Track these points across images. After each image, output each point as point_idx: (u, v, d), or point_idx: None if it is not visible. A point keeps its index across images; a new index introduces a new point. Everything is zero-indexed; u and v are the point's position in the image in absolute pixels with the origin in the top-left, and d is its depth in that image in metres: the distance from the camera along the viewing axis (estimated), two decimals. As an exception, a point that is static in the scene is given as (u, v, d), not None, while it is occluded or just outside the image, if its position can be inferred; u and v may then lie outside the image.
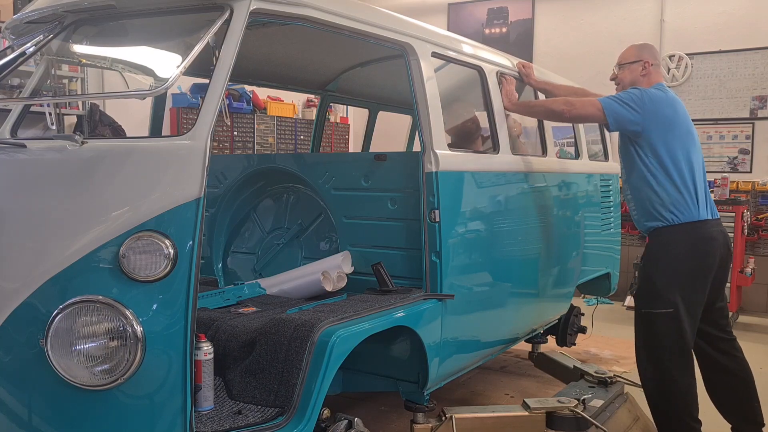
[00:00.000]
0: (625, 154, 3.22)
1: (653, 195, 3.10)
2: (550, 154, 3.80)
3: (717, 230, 3.14)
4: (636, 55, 3.30)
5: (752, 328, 6.19)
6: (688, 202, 3.07)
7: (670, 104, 3.12)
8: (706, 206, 3.12)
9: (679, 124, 3.11)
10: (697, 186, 3.11)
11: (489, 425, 2.88)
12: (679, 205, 3.07)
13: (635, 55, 3.31)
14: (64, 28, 2.34)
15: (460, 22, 8.44)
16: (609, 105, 3.09)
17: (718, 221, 3.18)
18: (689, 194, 3.07)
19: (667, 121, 3.08)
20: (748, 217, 6.37)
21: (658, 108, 3.08)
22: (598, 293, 5.01)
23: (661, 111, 3.08)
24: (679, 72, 7.16)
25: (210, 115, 1.99)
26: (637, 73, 3.28)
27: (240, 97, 7.19)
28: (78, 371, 1.84)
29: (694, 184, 3.09)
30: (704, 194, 3.14)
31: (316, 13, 2.32)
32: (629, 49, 3.36)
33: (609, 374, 3.53)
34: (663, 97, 3.12)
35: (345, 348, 2.23)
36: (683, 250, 3.07)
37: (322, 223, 3.30)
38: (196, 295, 1.93)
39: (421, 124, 2.75)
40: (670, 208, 3.07)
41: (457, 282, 2.84)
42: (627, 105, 3.07)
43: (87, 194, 1.97)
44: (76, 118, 5.89)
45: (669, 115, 3.09)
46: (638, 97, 3.08)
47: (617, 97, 3.12)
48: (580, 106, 3.22)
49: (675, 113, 3.11)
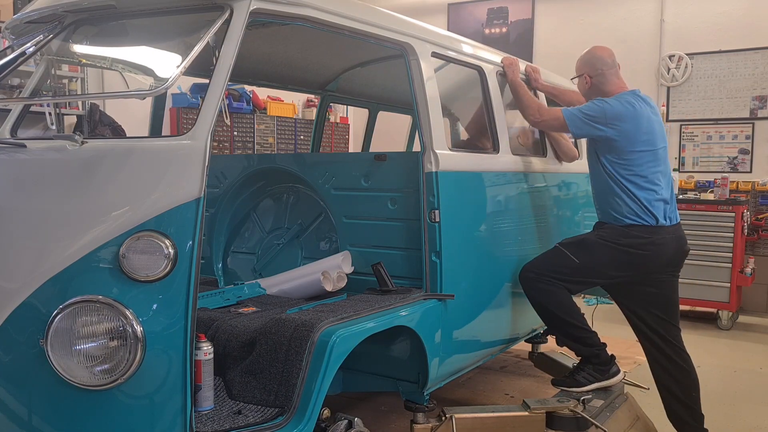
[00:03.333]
0: (589, 156, 3.33)
1: (613, 201, 3.17)
2: (550, 154, 3.80)
3: (670, 236, 3.17)
4: (578, 69, 3.36)
5: (752, 328, 6.18)
6: (643, 213, 3.12)
7: (634, 118, 3.09)
8: (664, 216, 3.16)
9: (639, 136, 3.10)
10: (655, 197, 3.13)
11: (489, 425, 2.88)
12: (633, 215, 3.13)
13: (578, 68, 3.36)
14: (64, 28, 2.34)
15: (460, 22, 8.43)
16: (570, 117, 3.15)
17: (674, 226, 3.21)
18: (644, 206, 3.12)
19: (629, 135, 3.09)
20: (748, 217, 6.37)
21: (620, 122, 3.08)
22: (598, 293, 4.99)
23: (623, 125, 3.08)
24: (679, 72, 7.16)
25: (210, 115, 1.99)
26: (584, 88, 3.34)
27: (240, 97, 7.19)
28: (78, 371, 1.84)
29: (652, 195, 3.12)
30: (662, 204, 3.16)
31: (316, 13, 2.32)
32: (577, 60, 3.38)
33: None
34: (626, 111, 3.09)
35: (345, 348, 2.23)
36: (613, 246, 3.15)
37: (322, 223, 3.30)
38: (196, 295, 1.93)
39: (421, 124, 2.75)
40: (625, 216, 3.14)
41: (457, 282, 2.84)
42: (587, 116, 3.11)
43: (87, 194, 1.97)
44: (76, 118, 5.89)
45: (631, 129, 3.09)
46: (600, 111, 3.10)
47: (578, 109, 3.16)
48: (548, 118, 3.30)
49: (636, 127, 3.09)
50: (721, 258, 5.96)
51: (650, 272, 3.19)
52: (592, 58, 3.30)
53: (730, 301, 5.95)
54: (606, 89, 3.25)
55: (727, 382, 4.55)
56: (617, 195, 3.14)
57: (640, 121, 3.10)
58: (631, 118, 3.09)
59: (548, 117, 3.30)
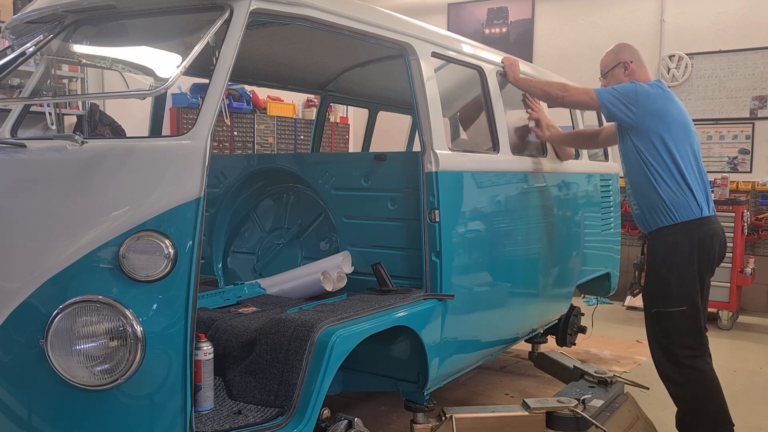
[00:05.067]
0: (624, 149, 3.24)
1: (654, 193, 3.11)
2: (550, 154, 3.80)
3: (718, 226, 3.18)
4: (614, 60, 3.35)
5: (752, 328, 6.19)
6: (689, 200, 3.08)
7: (665, 99, 3.13)
8: (706, 203, 3.14)
9: (674, 118, 3.12)
10: (697, 182, 3.11)
11: (489, 425, 2.88)
12: (681, 203, 3.08)
13: (613, 59, 3.36)
14: (64, 28, 2.34)
15: (460, 22, 8.43)
16: (604, 95, 3.14)
17: (716, 217, 3.21)
18: (690, 191, 3.08)
19: (662, 116, 3.10)
20: (748, 217, 6.37)
21: (651, 102, 3.10)
22: (598, 293, 5.01)
23: (655, 105, 3.10)
24: (679, 72, 7.16)
25: (210, 115, 1.99)
26: (621, 76, 3.33)
27: (240, 97, 7.19)
28: (78, 371, 1.84)
29: (694, 179, 3.10)
30: (704, 190, 3.15)
31: (316, 13, 2.32)
32: (606, 56, 3.40)
33: (609, 374, 3.53)
34: (656, 92, 3.13)
35: (345, 348, 2.23)
36: (690, 249, 3.09)
37: (322, 223, 3.30)
38: (196, 295, 1.93)
39: (421, 124, 2.75)
40: (673, 206, 3.08)
41: (457, 282, 2.84)
42: (621, 96, 3.11)
43: (87, 194, 1.97)
44: (76, 118, 5.89)
45: (663, 109, 3.11)
46: (632, 90, 3.12)
47: (613, 89, 3.17)
48: (575, 93, 3.29)
49: (669, 108, 3.12)
50: (721, 258, 5.95)
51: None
52: (627, 48, 3.35)
53: (730, 301, 5.95)
54: (640, 77, 3.28)
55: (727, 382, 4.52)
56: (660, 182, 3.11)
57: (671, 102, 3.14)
58: (665, 98, 3.13)
59: (574, 92, 3.30)
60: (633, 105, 3.09)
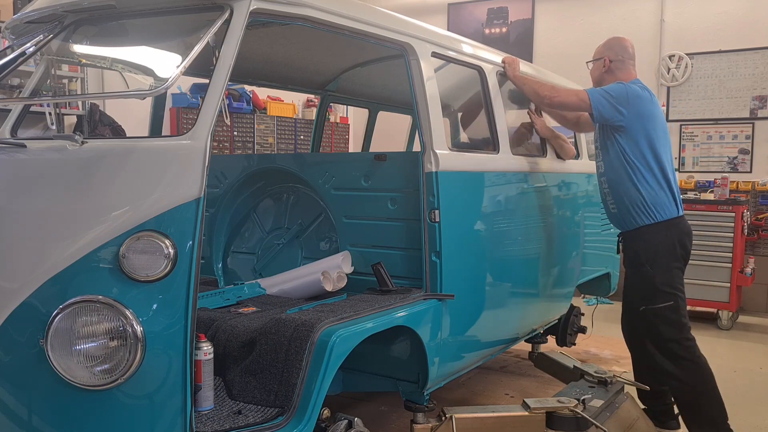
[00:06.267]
0: (605, 148, 3.29)
1: (635, 192, 3.20)
2: (549, 154, 3.80)
3: (688, 225, 3.31)
4: (599, 52, 3.44)
5: (752, 328, 6.19)
6: (668, 199, 3.19)
7: (651, 101, 3.22)
8: (680, 202, 3.26)
9: (659, 120, 3.21)
10: (673, 182, 3.23)
11: (489, 425, 2.88)
12: (661, 202, 3.18)
13: (599, 52, 3.45)
14: (64, 28, 2.34)
15: (460, 22, 8.43)
16: (596, 97, 3.17)
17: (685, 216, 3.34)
18: (669, 190, 3.19)
19: (649, 117, 3.17)
20: (748, 217, 6.37)
21: (641, 104, 3.16)
22: (598, 293, 5.01)
23: (644, 107, 3.17)
24: (679, 72, 7.15)
25: (210, 115, 1.99)
26: (600, 70, 3.39)
27: (240, 97, 7.19)
28: (78, 371, 1.84)
29: (673, 179, 3.22)
30: (677, 191, 3.27)
31: (316, 13, 2.32)
32: (600, 45, 3.47)
33: (609, 374, 3.53)
34: (644, 94, 3.21)
35: (345, 348, 2.23)
36: (672, 245, 3.20)
37: (322, 223, 3.30)
38: (196, 295, 1.93)
39: (421, 124, 2.75)
40: (653, 205, 3.18)
41: (457, 282, 2.84)
42: (613, 98, 3.15)
43: (87, 194, 1.97)
44: (76, 118, 5.89)
45: (650, 111, 3.18)
46: (623, 92, 3.16)
47: (605, 90, 3.20)
48: (564, 94, 3.33)
49: (655, 110, 3.21)
50: (721, 258, 5.96)
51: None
52: (616, 45, 3.39)
53: (730, 301, 5.95)
54: (620, 76, 3.32)
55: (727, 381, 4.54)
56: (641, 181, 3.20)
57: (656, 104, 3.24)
58: (652, 100, 3.21)
59: (564, 94, 3.33)
60: (624, 107, 3.15)
